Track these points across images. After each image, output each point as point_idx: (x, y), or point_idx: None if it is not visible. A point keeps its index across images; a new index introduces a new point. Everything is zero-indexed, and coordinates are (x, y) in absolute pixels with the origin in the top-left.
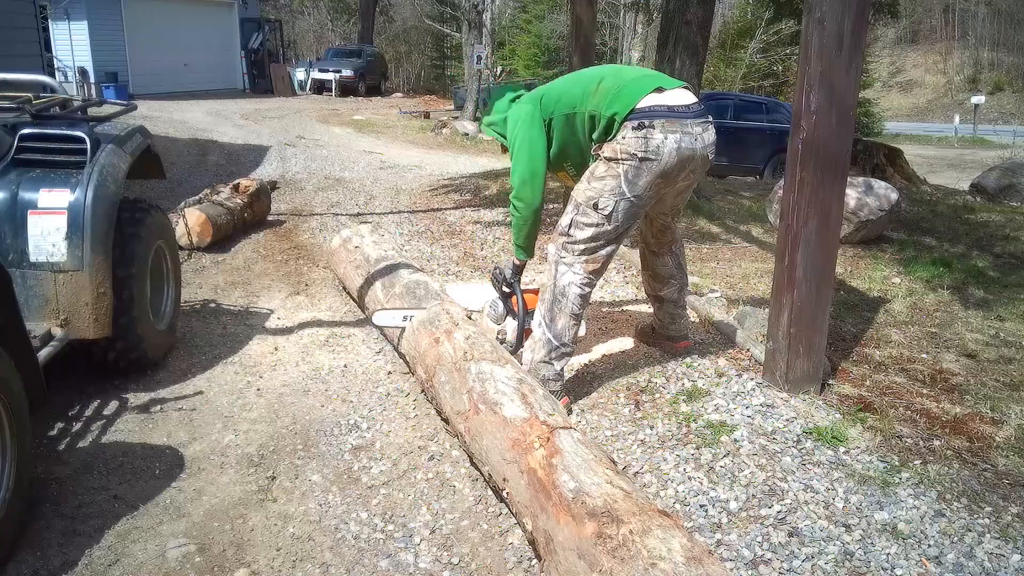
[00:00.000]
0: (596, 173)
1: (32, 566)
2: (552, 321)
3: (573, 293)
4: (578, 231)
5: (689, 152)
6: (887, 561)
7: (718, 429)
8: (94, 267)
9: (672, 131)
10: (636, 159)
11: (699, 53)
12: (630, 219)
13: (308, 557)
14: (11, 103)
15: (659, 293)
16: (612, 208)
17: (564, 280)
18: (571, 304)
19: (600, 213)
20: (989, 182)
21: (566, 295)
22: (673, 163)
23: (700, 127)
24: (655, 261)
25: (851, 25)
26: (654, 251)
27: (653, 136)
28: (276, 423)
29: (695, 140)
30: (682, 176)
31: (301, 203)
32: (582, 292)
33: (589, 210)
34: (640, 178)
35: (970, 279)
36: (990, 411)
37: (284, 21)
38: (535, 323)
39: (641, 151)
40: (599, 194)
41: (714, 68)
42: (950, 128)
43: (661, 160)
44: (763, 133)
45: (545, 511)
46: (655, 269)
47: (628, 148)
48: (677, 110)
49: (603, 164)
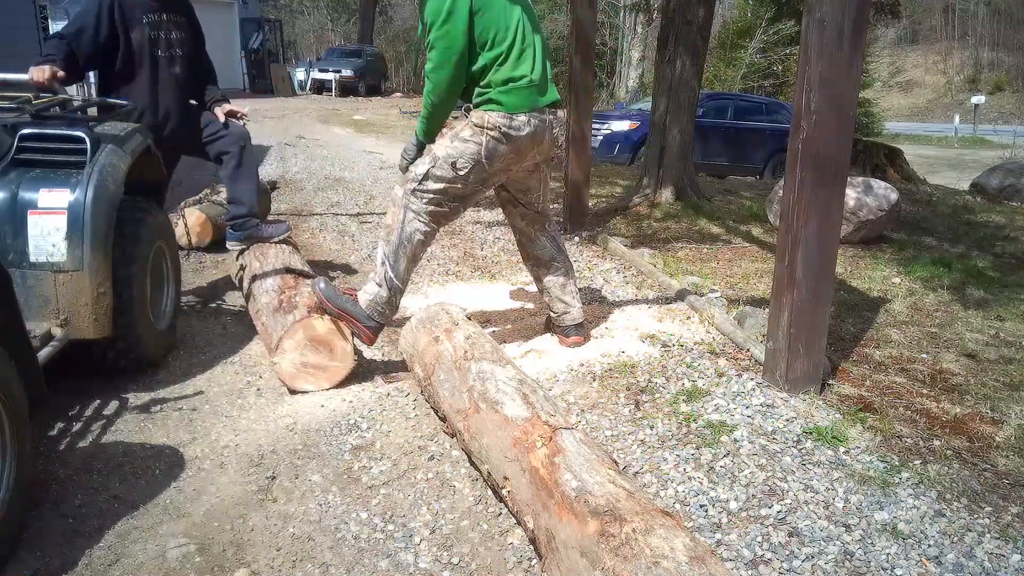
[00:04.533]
0: (461, 135)
1: (32, 566)
2: (396, 262)
3: (417, 239)
4: (431, 183)
5: (540, 135)
6: (887, 561)
7: (718, 429)
8: (94, 267)
9: (534, 117)
10: (499, 132)
11: (699, 53)
12: (479, 183)
13: (308, 557)
14: (11, 103)
15: (544, 280)
16: (468, 170)
17: (411, 227)
18: (414, 248)
19: (456, 172)
20: (989, 182)
21: (411, 240)
22: (527, 144)
23: (552, 116)
24: (533, 246)
25: (851, 25)
26: (529, 236)
27: (517, 118)
28: (276, 423)
29: (546, 127)
30: (530, 155)
31: (301, 203)
32: (424, 239)
33: (447, 166)
34: (498, 149)
35: (970, 279)
36: (990, 411)
37: (284, 21)
38: (378, 259)
39: (505, 127)
40: (460, 155)
41: (714, 68)
42: (950, 128)
43: (519, 140)
44: (763, 133)
45: (547, 509)
46: (536, 254)
47: (495, 122)
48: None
49: (470, 128)
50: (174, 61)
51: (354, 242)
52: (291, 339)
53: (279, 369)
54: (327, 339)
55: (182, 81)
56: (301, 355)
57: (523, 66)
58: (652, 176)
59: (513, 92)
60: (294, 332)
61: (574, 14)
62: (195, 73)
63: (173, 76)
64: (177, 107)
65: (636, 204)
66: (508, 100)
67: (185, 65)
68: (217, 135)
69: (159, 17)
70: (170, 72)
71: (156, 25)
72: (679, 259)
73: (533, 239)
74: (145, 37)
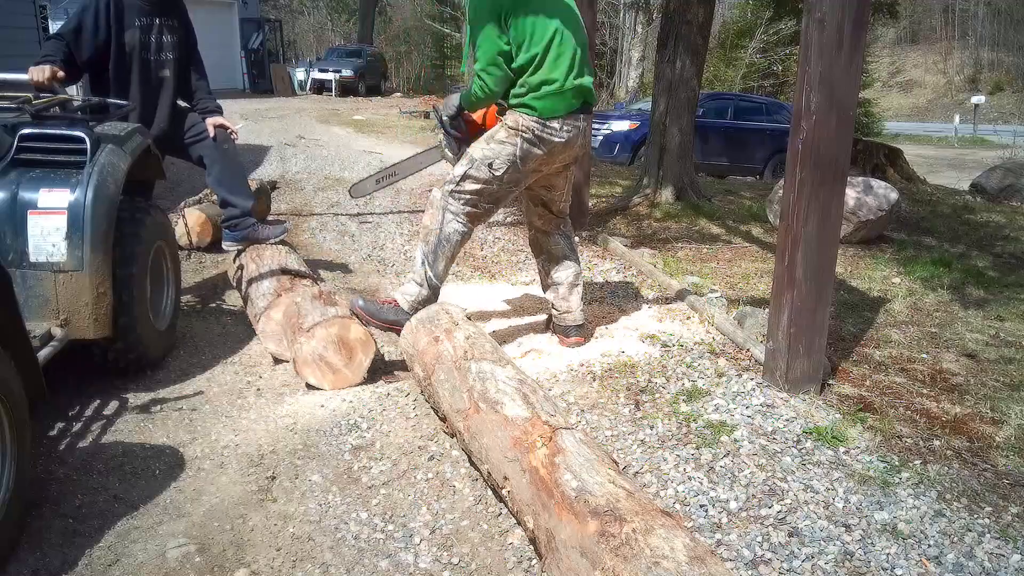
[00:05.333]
0: (497, 137)
1: (32, 566)
2: (435, 262)
3: (455, 240)
4: (469, 183)
5: (573, 139)
6: (887, 561)
7: (718, 429)
8: (94, 267)
9: (568, 123)
10: (533, 135)
11: (699, 53)
12: (512, 184)
13: (308, 557)
14: (11, 103)
15: (554, 276)
16: (503, 171)
17: (450, 228)
18: (452, 248)
19: (492, 172)
20: (989, 182)
21: (450, 240)
22: (560, 148)
23: (584, 122)
24: (547, 241)
25: (851, 25)
26: (544, 231)
27: (552, 123)
28: (276, 423)
29: (579, 132)
30: (561, 157)
31: (301, 203)
32: (461, 239)
33: (483, 167)
34: (532, 152)
35: (970, 279)
36: (990, 411)
37: (284, 21)
38: (418, 260)
39: (539, 131)
40: (496, 156)
41: (714, 68)
42: (950, 128)
43: (552, 144)
44: (763, 133)
45: (547, 509)
46: (549, 249)
47: (529, 125)
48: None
49: (504, 131)
50: (164, 65)
51: (354, 242)
52: (325, 329)
53: (299, 350)
54: (353, 346)
55: (171, 85)
56: (324, 348)
57: (558, 71)
58: (652, 176)
59: (547, 97)
60: (330, 324)
61: None
62: (185, 76)
63: (162, 79)
64: (166, 110)
65: (636, 204)
66: (541, 105)
67: (175, 69)
68: (199, 137)
69: (151, 20)
70: (159, 75)
71: (147, 28)
72: (679, 259)
73: (549, 234)
74: (136, 40)
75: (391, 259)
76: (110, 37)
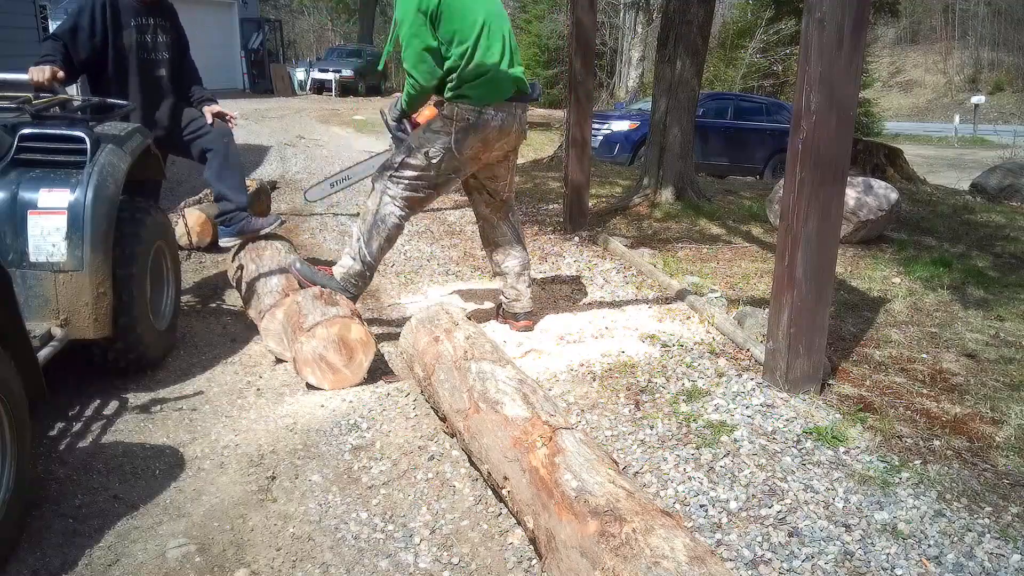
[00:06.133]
0: (433, 126)
1: (32, 566)
2: (369, 240)
3: (391, 222)
4: (407, 170)
5: (508, 127)
6: (887, 561)
7: (718, 429)
8: (94, 267)
9: (502, 110)
10: (467, 123)
11: (699, 53)
12: (451, 171)
13: (308, 557)
14: (11, 103)
15: (502, 265)
16: (439, 159)
17: (386, 210)
18: (387, 230)
19: (429, 160)
20: (989, 182)
21: (385, 222)
22: (495, 135)
23: (520, 109)
24: (494, 232)
25: (851, 25)
26: (491, 223)
27: (487, 111)
28: (276, 423)
29: (514, 119)
30: (498, 144)
31: (301, 203)
32: (398, 222)
33: (420, 155)
34: (467, 140)
35: (970, 279)
36: (990, 411)
37: (284, 21)
38: (354, 236)
39: (473, 119)
40: (432, 144)
41: (714, 68)
42: (950, 128)
43: (487, 131)
44: (763, 133)
45: (547, 509)
46: (496, 240)
47: (463, 114)
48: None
49: (440, 120)
50: (160, 64)
51: None
52: (326, 328)
53: (299, 349)
54: (353, 346)
55: (167, 83)
56: (324, 348)
57: (490, 60)
58: (652, 176)
59: (481, 86)
60: (332, 324)
61: (574, 15)
62: (179, 75)
63: (159, 79)
64: (166, 109)
65: (636, 204)
66: (476, 93)
67: (170, 68)
68: (200, 132)
69: (146, 21)
70: (157, 75)
71: (143, 28)
72: (679, 259)
73: (495, 226)
74: (133, 40)
75: (391, 259)
76: (107, 38)
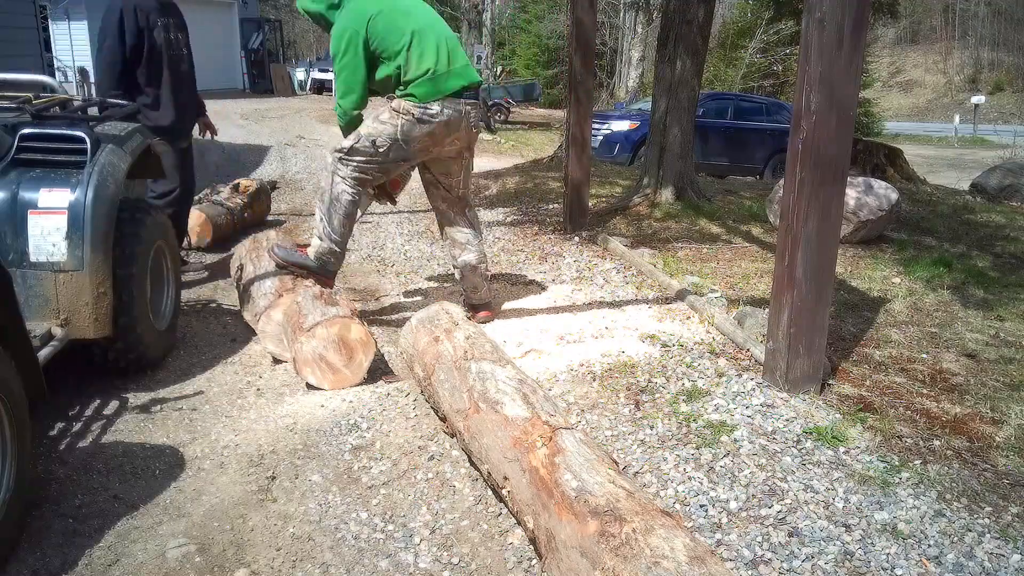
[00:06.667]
0: (381, 117)
1: (32, 566)
2: (330, 218)
3: (345, 199)
4: (356, 156)
5: (456, 123)
6: (887, 561)
7: (718, 429)
8: (94, 267)
9: (448, 106)
10: (413, 118)
11: (699, 53)
12: (399, 159)
13: (308, 557)
14: (11, 103)
15: (459, 260)
16: (386, 148)
17: (338, 189)
18: (344, 207)
19: (376, 148)
20: (989, 182)
21: (339, 200)
22: (441, 129)
23: (470, 106)
24: (451, 228)
25: (851, 25)
26: (449, 218)
27: (432, 107)
28: (276, 423)
29: (462, 115)
30: (448, 140)
31: (301, 203)
32: (352, 199)
33: (368, 143)
34: (413, 132)
35: (970, 279)
36: (990, 411)
37: (284, 21)
38: (317, 216)
39: (419, 114)
40: (379, 134)
41: (714, 68)
42: (950, 128)
43: (432, 125)
44: (763, 133)
45: (547, 509)
46: (454, 236)
47: (411, 109)
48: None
49: (388, 111)
50: (183, 59)
51: (353, 242)
52: (326, 329)
53: (299, 350)
54: (353, 346)
55: (190, 77)
56: (324, 348)
57: (426, 63)
58: (652, 176)
59: (423, 84)
60: (332, 324)
61: (574, 14)
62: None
63: (185, 73)
64: (191, 101)
65: (636, 204)
66: (420, 91)
67: (190, 63)
68: None
69: (167, 20)
70: (182, 69)
71: (167, 27)
72: (679, 259)
73: (453, 221)
74: (162, 38)
75: (391, 259)
76: (142, 39)
